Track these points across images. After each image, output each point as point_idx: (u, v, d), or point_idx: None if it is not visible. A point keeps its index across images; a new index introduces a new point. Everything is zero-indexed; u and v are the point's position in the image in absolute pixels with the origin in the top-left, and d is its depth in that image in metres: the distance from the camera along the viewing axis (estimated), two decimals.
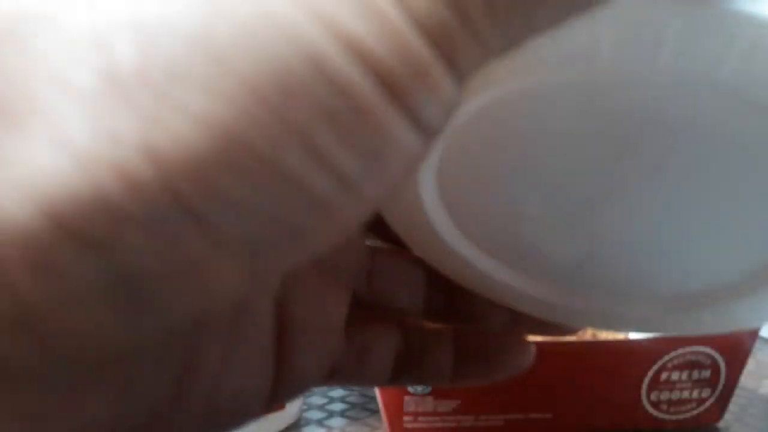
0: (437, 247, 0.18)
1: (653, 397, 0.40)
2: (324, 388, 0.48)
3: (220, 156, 0.09)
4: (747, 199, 0.15)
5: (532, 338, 0.22)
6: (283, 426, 0.40)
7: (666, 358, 0.39)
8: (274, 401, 0.17)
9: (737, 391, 0.42)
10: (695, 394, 0.41)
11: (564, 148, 0.15)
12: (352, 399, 0.46)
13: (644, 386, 0.40)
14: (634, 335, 0.41)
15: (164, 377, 0.14)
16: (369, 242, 0.20)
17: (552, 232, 0.18)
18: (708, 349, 0.40)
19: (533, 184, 0.16)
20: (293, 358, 0.17)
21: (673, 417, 0.41)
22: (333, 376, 0.19)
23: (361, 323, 0.20)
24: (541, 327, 0.20)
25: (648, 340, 0.40)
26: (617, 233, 0.17)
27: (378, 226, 0.18)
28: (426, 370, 0.20)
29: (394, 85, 0.09)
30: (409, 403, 0.39)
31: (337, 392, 0.47)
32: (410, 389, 0.38)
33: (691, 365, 0.40)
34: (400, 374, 0.20)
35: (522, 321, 0.20)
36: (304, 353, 0.18)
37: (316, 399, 0.46)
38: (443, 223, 0.18)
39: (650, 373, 0.40)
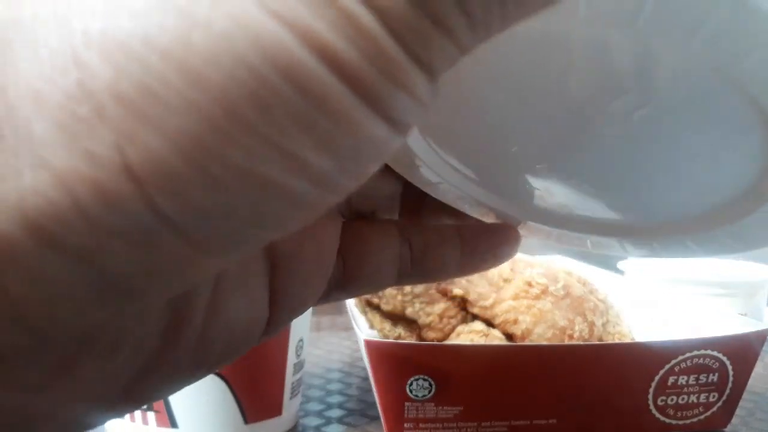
0: (418, 175, 0.20)
1: (660, 401, 0.39)
2: (322, 394, 0.47)
3: (196, 171, 0.09)
4: (694, 152, 0.17)
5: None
6: None
7: (673, 362, 0.39)
8: (272, 329, 0.18)
9: (745, 396, 0.41)
10: (702, 398, 0.40)
11: (541, 92, 0.16)
12: (350, 405, 0.45)
13: (651, 390, 0.39)
14: (642, 339, 0.41)
15: (150, 334, 0.14)
16: None
17: (529, 166, 0.19)
18: (716, 353, 0.39)
19: (512, 123, 0.18)
20: (288, 290, 0.18)
21: (680, 422, 0.40)
22: (329, 295, 0.20)
23: (356, 238, 0.20)
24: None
25: (655, 344, 0.39)
26: (586, 170, 0.19)
27: None
28: (430, 268, 0.21)
29: (368, 89, 0.10)
30: (410, 410, 0.38)
31: (335, 398, 0.46)
32: (411, 395, 0.37)
33: (699, 369, 0.39)
34: (404, 275, 0.21)
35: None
36: (299, 284, 0.18)
37: (314, 405, 0.45)
38: (426, 154, 0.19)
39: (657, 378, 0.39)
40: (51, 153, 0.09)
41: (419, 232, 0.21)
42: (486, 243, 0.21)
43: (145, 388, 0.15)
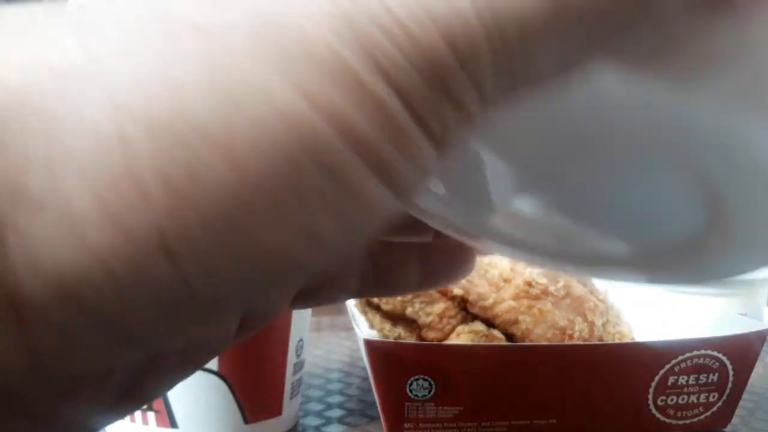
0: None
1: (660, 401, 0.39)
2: (321, 394, 0.47)
3: (226, 249, 0.10)
4: (644, 199, 0.18)
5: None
6: None
7: (673, 362, 0.39)
8: (242, 334, 0.19)
9: (745, 396, 0.41)
10: (702, 398, 0.40)
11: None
12: (350, 405, 0.45)
13: (651, 390, 0.39)
14: (642, 339, 0.40)
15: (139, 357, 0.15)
16: None
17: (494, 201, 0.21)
18: (716, 353, 0.39)
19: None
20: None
21: (680, 422, 0.40)
22: (293, 304, 0.21)
23: None
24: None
25: (655, 344, 0.39)
26: (555, 209, 0.21)
27: None
28: (390, 285, 0.22)
29: (390, 172, 0.10)
30: (410, 409, 0.38)
31: (335, 398, 0.46)
32: (411, 395, 0.37)
33: (699, 369, 0.39)
34: (365, 289, 0.22)
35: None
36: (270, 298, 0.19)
37: (314, 405, 0.45)
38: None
39: (657, 377, 0.39)
40: (90, 228, 0.10)
41: (384, 253, 0.22)
42: (445, 264, 0.23)
43: (138, 396, 0.16)
